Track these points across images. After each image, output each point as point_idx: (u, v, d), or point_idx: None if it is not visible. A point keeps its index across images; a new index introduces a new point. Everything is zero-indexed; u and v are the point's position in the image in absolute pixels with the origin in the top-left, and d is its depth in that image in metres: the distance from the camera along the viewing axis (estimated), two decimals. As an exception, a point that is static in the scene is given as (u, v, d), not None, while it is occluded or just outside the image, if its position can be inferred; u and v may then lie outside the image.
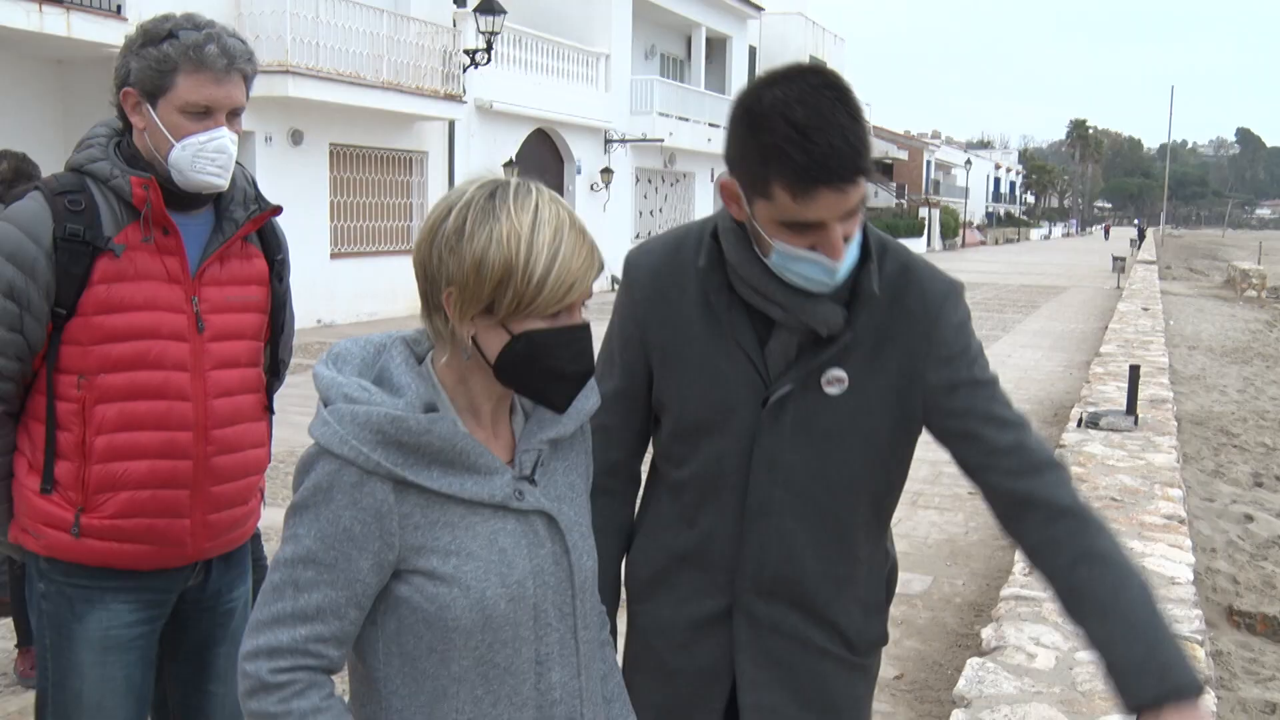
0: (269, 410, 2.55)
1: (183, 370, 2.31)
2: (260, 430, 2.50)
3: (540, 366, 1.46)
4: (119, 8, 13.22)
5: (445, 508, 1.46)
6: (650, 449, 2.02)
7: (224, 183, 2.31)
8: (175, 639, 2.50)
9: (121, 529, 2.29)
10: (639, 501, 2.05)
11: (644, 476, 2.06)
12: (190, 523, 2.35)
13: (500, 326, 1.44)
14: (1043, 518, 1.73)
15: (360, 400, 1.44)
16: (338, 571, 1.42)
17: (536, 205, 1.43)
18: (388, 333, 1.56)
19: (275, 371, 2.61)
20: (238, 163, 2.39)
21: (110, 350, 2.25)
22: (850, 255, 1.68)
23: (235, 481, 2.42)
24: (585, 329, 1.49)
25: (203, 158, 2.25)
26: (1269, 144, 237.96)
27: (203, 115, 2.26)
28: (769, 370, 1.79)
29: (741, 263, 1.75)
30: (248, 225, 2.42)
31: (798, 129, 1.55)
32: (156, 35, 2.24)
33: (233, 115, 2.32)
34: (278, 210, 2.51)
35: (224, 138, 2.28)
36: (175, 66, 2.22)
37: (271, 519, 4.07)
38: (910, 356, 1.78)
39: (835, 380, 1.77)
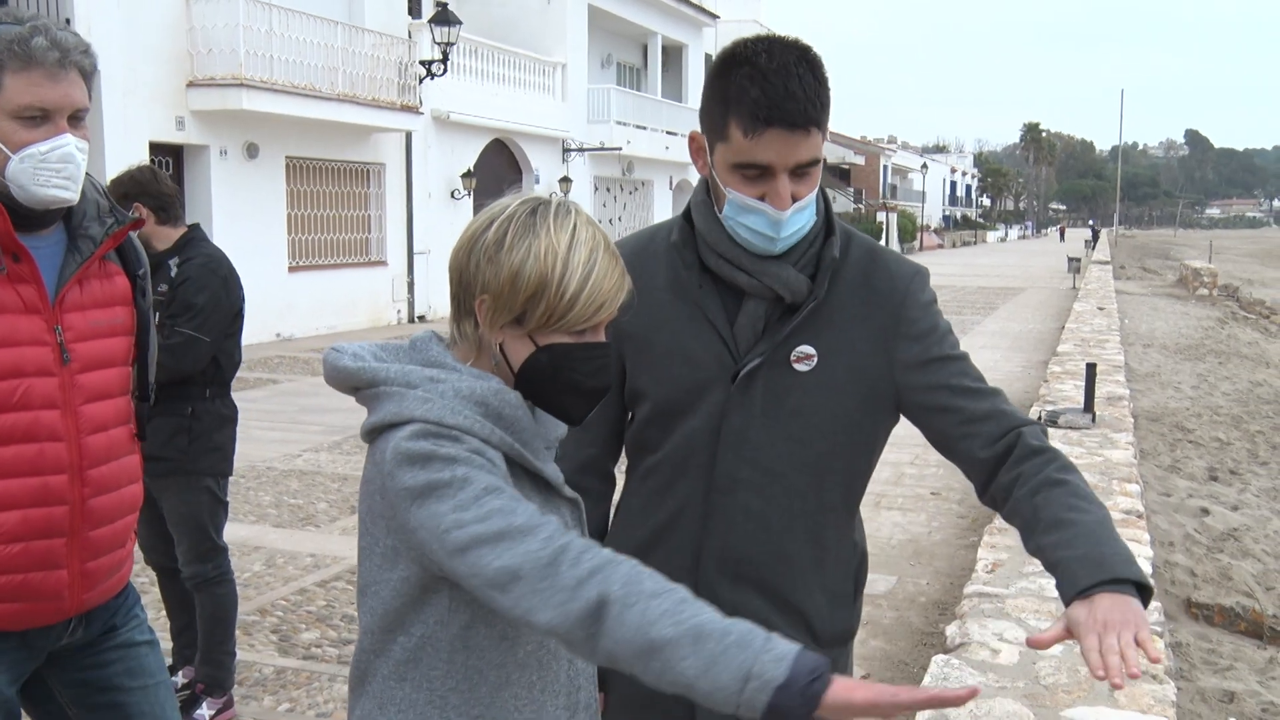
0: (140, 438, 2.36)
1: (52, 408, 2.10)
2: (134, 464, 2.31)
3: (561, 379, 1.51)
4: (69, 20, 13.08)
5: (526, 488, 1.50)
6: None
7: (73, 195, 2.08)
8: (80, 699, 2.32)
9: None
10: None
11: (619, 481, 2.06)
12: (68, 573, 2.15)
13: (527, 337, 1.49)
14: (1014, 459, 1.74)
15: (447, 379, 1.47)
16: (514, 493, 1.41)
17: (575, 225, 1.49)
18: (397, 339, 1.60)
19: (144, 396, 2.38)
20: (88, 174, 2.17)
21: None
22: (799, 219, 1.74)
23: (113, 523, 2.23)
24: (606, 347, 1.54)
25: (46, 169, 2.02)
26: (1217, 145, 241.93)
27: (40, 120, 2.01)
28: (738, 346, 1.82)
29: (709, 229, 1.81)
30: (107, 242, 2.20)
31: (760, 70, 1.66)
32: None
33: (75, 118, 2.07)
34: (139, 223, 2.31)
35: (69, 145, 2.04)
36: (0, 66, 1.98)
37: (271, 542, 4.01)
38: (880, 335, 1.82)
39: (804, 357, 1.80)
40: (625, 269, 1.52)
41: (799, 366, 1.81)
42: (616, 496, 2.06)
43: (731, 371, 1.82)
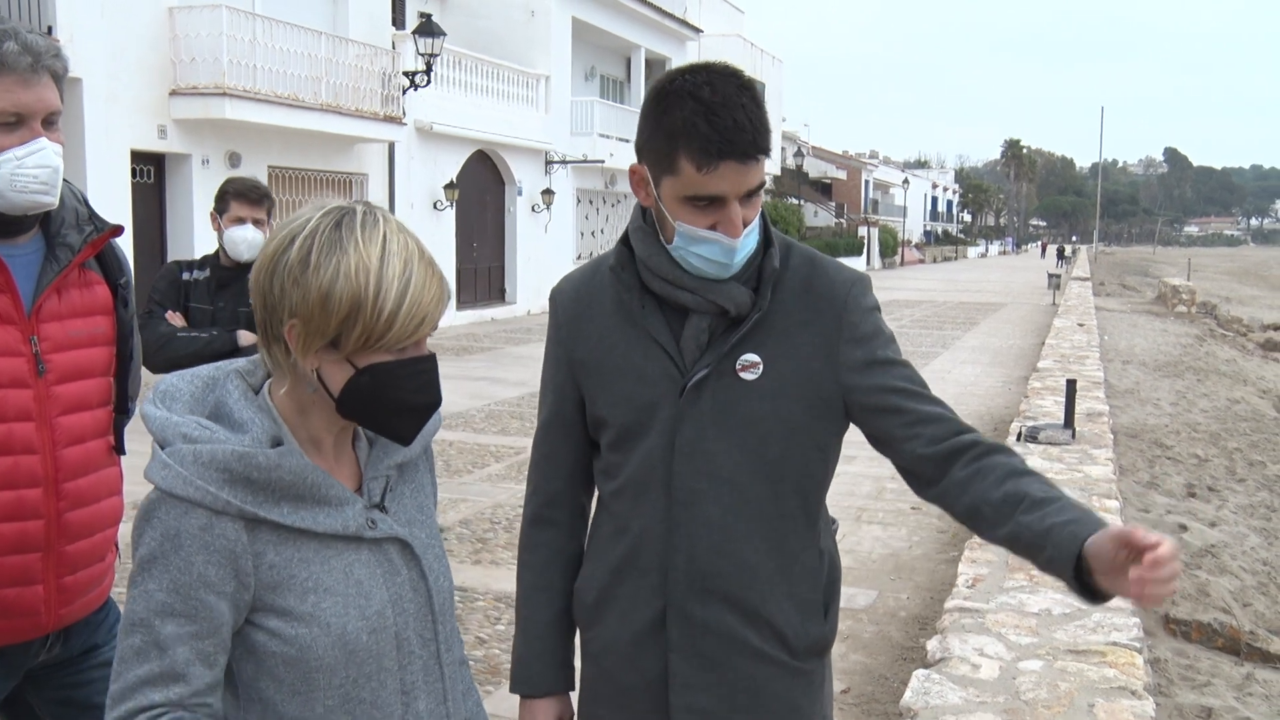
0: (119, 452, 2.30)
1: (26, 420, 2.06)
2: (113, 477, 2.26)
3: (386, 400, 1.43)
4: (50, 29, 13.01)
5: (299, 543, 1.43)
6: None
7: (53, 200, 2.05)
8: (62, 717, 2.28)
9: None
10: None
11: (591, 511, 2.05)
12: (44, 589, 2.10)
13: (345, 360, 1.41)
14: (972, 455, 1.78)
15: (201, 439, 1.38)
16: (200, 621, 1.36)
17: (385, 236, 1.39)
18: (216, 365, 1.52)
19: (123, 408, 2.32)
20: (66, 180, 2.13)
21: None
22: (749, 242, 1.79)
23: (91, 537, 2.18)
24: (431, 360, 1.46)
25: (24, 174, 1.98)
26: (1195, 163, 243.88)
27: (14, 125, 1.97)
28: (685, 360, 1.84)
29: (650, 254, 1.84)
30: (86, 250, 2.16)
31: (705, 105, 1.69)
32: None
33: (49, 122, 2.04)
34: (118, 230, 2.25)
35: (46, 149, 2.01)
36: None
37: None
38: (824, 339, 1.85)
39: (749, 365, 1.83)
40: (444, 276, 1.44)
41: (745, 375, 1.83)
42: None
43: (680, 385, 1.84)
